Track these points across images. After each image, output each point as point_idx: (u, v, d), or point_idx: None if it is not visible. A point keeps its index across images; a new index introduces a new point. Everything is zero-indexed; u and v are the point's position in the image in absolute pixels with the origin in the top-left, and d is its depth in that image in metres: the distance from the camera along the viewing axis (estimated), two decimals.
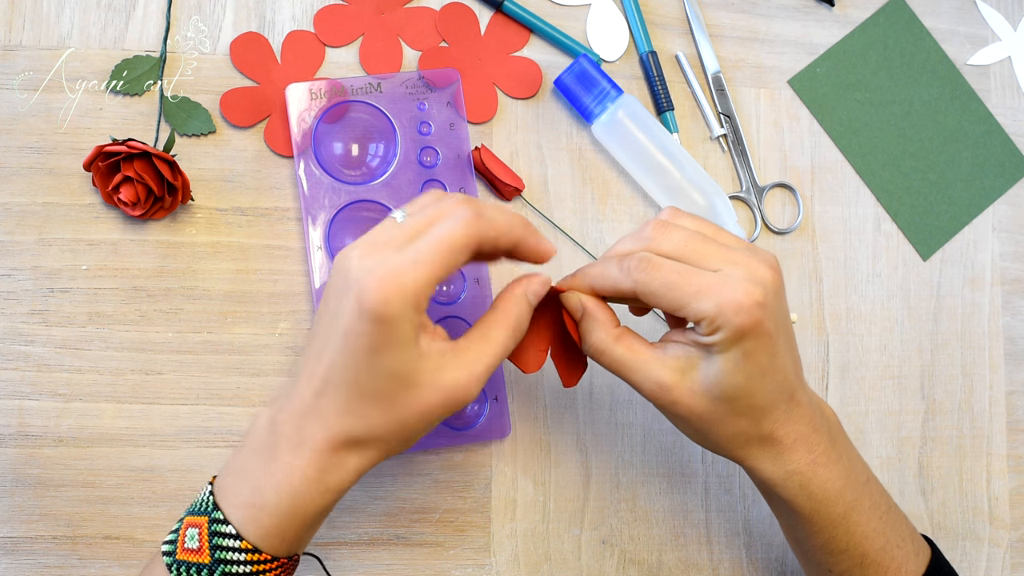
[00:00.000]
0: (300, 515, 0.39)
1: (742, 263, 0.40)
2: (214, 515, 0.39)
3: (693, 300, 0.39)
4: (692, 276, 0.39)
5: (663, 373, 0.42)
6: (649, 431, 0.56)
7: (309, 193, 0.53)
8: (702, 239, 0.41)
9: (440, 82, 0.55)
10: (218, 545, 0.39)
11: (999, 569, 0.59)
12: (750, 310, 0.38)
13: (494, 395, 0.54)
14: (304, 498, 0.39)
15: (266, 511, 0.39)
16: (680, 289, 0.39)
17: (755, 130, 0.60)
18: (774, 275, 0.40)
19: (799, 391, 0.42)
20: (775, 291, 0.40)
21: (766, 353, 0.40)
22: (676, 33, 0.59)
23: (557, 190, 0.57)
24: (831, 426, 0.44)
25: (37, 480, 0.51)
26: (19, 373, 0.52)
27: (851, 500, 0.43)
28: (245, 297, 0.54)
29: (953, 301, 0.60)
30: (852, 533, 0.44)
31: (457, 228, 0.38)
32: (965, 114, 0.62)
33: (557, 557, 0.55)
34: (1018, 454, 0.60)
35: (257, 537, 0.39)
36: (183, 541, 0.40)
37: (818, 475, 0.42)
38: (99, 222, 0.53)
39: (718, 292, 0.39)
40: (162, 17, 0.55)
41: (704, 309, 0.39)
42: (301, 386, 0.40)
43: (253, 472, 0.39)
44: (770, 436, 0.42)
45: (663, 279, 0.40)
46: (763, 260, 0.41)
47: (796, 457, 0.42)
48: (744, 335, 0.39)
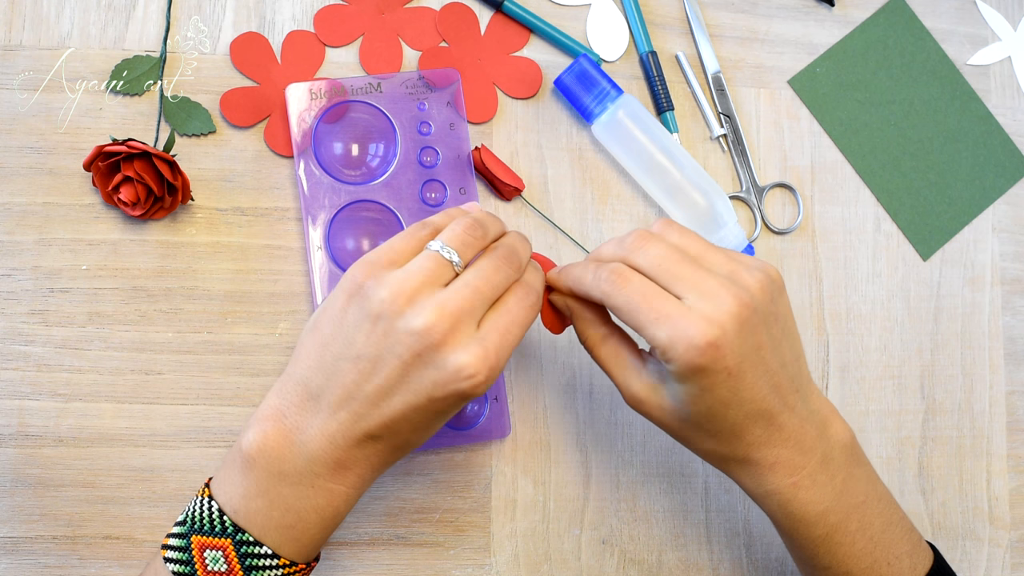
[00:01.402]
0: (335, 526, 0.42)
1: (711, 294, 0.38)
2: (241, 537, 0.39)
3: (649, 326, 0.38)
4: (655, 300, 0.39)
5: (637, 386, 0.42)
6: (649, 431, 0.56)
7: (309, 193, 0.53)
8: (678, 260, 0.40)
9: (440, 82, 0.55)
10: (253, 566, 0.39)
11: (999, 569, 0.59)
12: (702, 349, 0.37)
13: (494, 395, 0.54)
14: (343, 513, 0.41)
15: (307, 532, 0.40)
16: (640, 311, 0.39)
17: (755, 130, 0.60)
18: (740, 309, 0.38)
19: (783, 415, 0.41)
20: (738, 327, 0.38)
21: (726, 388, 0.39)
22: (676, 33, 0.59)
23: (557, 190, 0.57)
24: (829, 446, 0.42)
25: (37, 480, 0.51)
26: (19, 373, 0.52)
27: (834, 523, 0.42)
28: (245, 297, 0.54)
29: (953, 301, 0.60)
30: (834, 553, 0.43)
31: (529, 312, 0.41)
32: (965, 114, 0.62)
33: (557, 557, 0.55)
34: (1018, 454, 0.60)
35: (293, 553, 0.40)
36: (202, 563, 0.39)
37: (798, 497, 0.42)
38: (99, 222, 0.53)
39: (674, 324, 0.38)
40: (162, 17, 0.55)
41: (658, 338, 0.38)
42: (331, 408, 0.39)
43: (283, 496, 0.39)
44: (745, 458, 0.42)
45: (627, 297, 0.39)
46: (735, 293, 0.38)
47: (775, 479, 0.42)
48: (695, 372, 0.38)
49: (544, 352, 0.56)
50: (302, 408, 0.40)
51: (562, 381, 0.56)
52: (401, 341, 0.37)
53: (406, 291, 0.38)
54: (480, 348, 0.38)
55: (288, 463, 0.39)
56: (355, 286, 0.39)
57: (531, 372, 0.55)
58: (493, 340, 0.38)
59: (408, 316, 0.37)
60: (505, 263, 0.41)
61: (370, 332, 0.38)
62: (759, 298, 0.39)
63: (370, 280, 0.39)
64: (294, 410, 0.40)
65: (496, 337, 0.38)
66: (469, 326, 0.38)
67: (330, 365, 0.39)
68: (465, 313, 0.38)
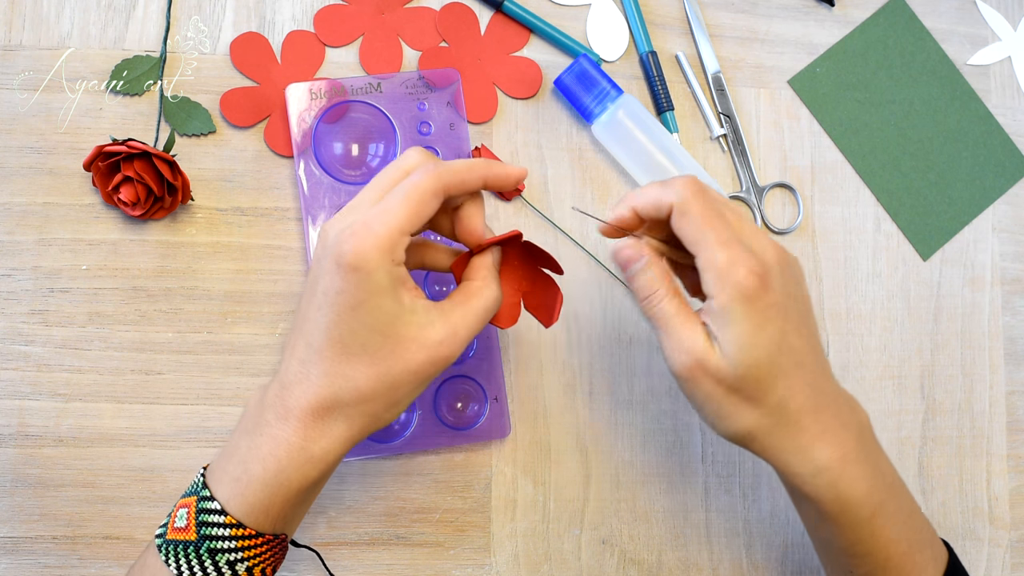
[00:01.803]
0: (285, 487, 0.39)
1: (754, 237, 0.41)
2: (202, 493, 0.40)
3: (715, 246, 0.39)
4: (725, 223, 0.40)
5: (699, 341, 0.40)
6: (649, 431, 0.56)
7: (309, 193, 0.53)
8: (724, 202, 0.42)
9: (440, 82, 0.55)
10: (204, 522, 0.39)
11: (999, 569, 0.59)
12: (760, 276, 0.39)
13: (494, 395, 0.54)
14: (289, 469, 0.39)
15: (251, 485, 0.39)
16: (712, 228, 0.39)
17: (755, 130, 0.60)
18: (782, 257, 0.41)
19: (822, 379, 0.42)
20: (780, 270, 0.40)
21: (776, 327, 0.39)
22: (676, 33, 0.59)
23: (557, 190, 0.57)
24: (860, 424, 0.43)
25: (37, 480, 0.51)
26: (19, 373, 0.52)
27: (878, 502, 0.42)
28: (245, 297, 0.54)
29: (953, 301, 0.60)
30: (877, 536, 0.43)
31: (422, 178, 0.40)
32: (965, 114, 0.62)
33: (557, 557, 0.55)
34: (1018, 454, 0.60)
35: (242, 512, 0.39)
36: (173, 521, 0.40)
37: (847, 473, 0.41)
38: (99, 222, 0.53)
39: (735, 250, 0.39)
40: (162, 17, 0.55)
41: (718, 259, 0.39)
42: (286, 357, 0.40)
43: (240, 448, 0.40)
44: (796, 423, 0.41)
45: (704, 207, 0.40)
46: (776, 245, 0.41)
47: (825, 450, 0.41)
48: (751, 298, 0.39)
49: (544, 352, 0.56)
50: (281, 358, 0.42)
51: (562, 381, 0.56)
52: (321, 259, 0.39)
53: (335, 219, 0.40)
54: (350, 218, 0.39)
55: (251, 413, 0.41)
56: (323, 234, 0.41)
57: (531, 372, 0.55)
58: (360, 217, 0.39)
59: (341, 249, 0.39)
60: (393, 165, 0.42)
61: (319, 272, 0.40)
62: (791, 259, 0.42)
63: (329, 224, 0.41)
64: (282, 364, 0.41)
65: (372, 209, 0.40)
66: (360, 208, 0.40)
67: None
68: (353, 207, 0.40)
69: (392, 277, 0.38)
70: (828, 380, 0.42)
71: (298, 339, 0.40)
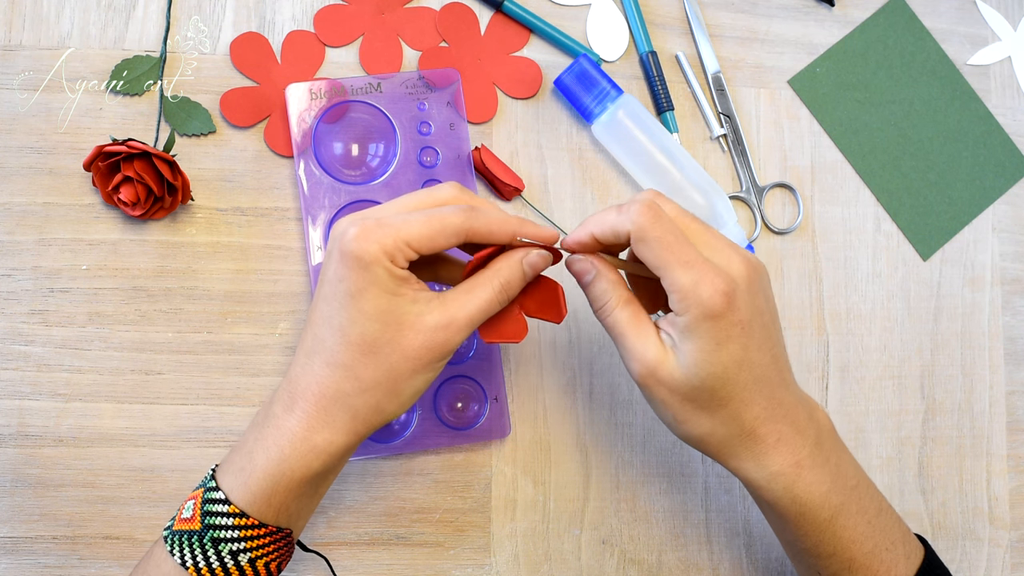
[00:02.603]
0: (287, 476, 0.39)
1: (722, 251, 0.41)
2: (208, 484, 0.41)
3: (678, 266, 0.39)
4: (685, 244, 0.40)
5: (653, 351, 0.41)
6: (649, 431, 0.56)
7: (309, 193, 0.53)
8: (690, 218, 0.42)
9: (440, 82, 0.55)
10: (208, 511, 0.39)
11: (999, 569, 0.59)
12: (724, 295, 0.39)
13: (494, 395, 0.54)
14: (292, 458, 0.39)
15: (254, 474, 0.40)
16: (671, 251, 0.39)
17: (755, 130, 0.60)
18: (749, 270, 0.40)
19: (781, 390, 0.42)
20: (747, 285, 0.40)
21: (738, 344, 0.40)
22: (676, 33, 0.59)
23: (557, 190, 0.57)
24: (819, 429, 0.44)
25: (37, 480, 0.51)
26: (19, 373, 0.52)
27: (837, 505, 0.43)
28: (245, 297, 0.54)
29: (953, 301, 0.60)
30: (839, 537, 0.43)
31: (453, 213, 0.40)
32: (965, 114, 0.62)
33: (557, 557, 0.55)
34: (1018, 454, 0.60)
35: (245, 502, 0.39)
36: (180, 513, 0.41)
37: (803, 478, 0.42)
38: (99, 222, 0.53)
39: (700, 270, 0.39)
40: (162, 17, 0.55)
41: (682, 280, 0.39)
42: (296, 350, 0.42)
43: (247, 441, 0.41)
44: (751, 433, 0.42)
45: (661, 233, 0.40)
46: (742, 256, 0.41)
47: (779, 458, 0.42)
48: (714, 318, 0.39)
49: (544, 352, 0.56)
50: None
51: (562, 381, 0.56)
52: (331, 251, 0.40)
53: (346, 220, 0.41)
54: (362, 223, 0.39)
55: (263, 407, 0.42)
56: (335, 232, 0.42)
57: (531, 372, 0.55)
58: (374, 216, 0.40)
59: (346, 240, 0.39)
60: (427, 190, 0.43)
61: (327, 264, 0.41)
62: (758, 268, 0.41)
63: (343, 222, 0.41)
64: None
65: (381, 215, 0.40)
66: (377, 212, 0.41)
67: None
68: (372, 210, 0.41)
69: (392, 273, 0.39)
70: (788, 390, 0.43)
71: (307, 331, 0.41)
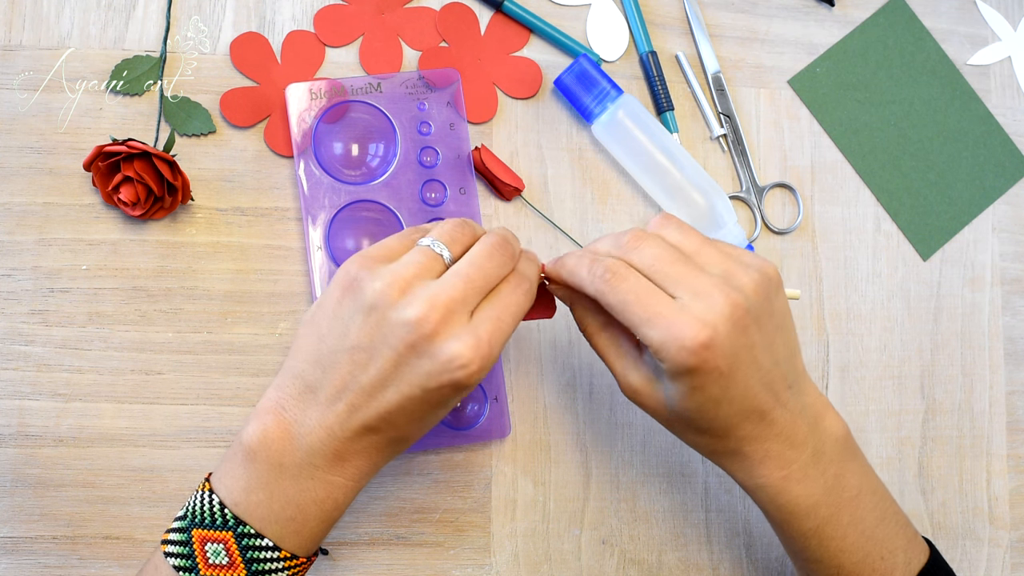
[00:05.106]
0: (336, 519, 0.42)
1: (704, 294, 0.38)
2: (243, 530, 0.40)
3: (642, 325, 0.38)
4: (649, 299, 0.39)
5: (633, 377, 0.43)
6: (649, 431, 0.56)
7: (309, 193, 0.53)
8: (673, 259, 0.40)
9: (440, 82, 0.55)
10: (254, 558, 0.40)
11: (999, 569, 0.59)
12: (693, 350, 0.37)
13: (494, 395, 0.54)
14: (344, 505, 0.42)
15: (307, 523, 0.40)
16: (634, 311, 0.39)
17: (755, 130, 0.60)
18: (732, 308, 0.38)
19: (774, 410, 0.41)
20: (732, 324, 0.38)
21: (717, 388, 0.39)
22: (676, 33, 0.59)
23: (557, 190, 0.57)
24: (822, 439, 0.43)
25: (37, 480, 0.51)
26: (19, 373, 0.52)
27: (825, 516, 0.43)
28: (245, 297, 0.54)
29: (953, 301, 0.60)
30: (825, 546, 0.43)
31: (523, 300, 0.41)
32: (965, 114, 0.62)
33: (557, 557, 0.55)
34: (1018, 454, 0.60)
35: (295, 546, 0.40)
36: (204, 557, 0.40)
37: (789, 490, 0.42)
38: (99, 222, 0.53)
39: (667, 324, 0.38)
40: (162, 17, 0.55)
41: (651, 337, 0.38)
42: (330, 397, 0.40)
43: (284, 489, 0.40)
44: (736, 452, 0.42)
45: (621, 297, 0.39)
46: (732, 288, 0.39)
47: (765, 473, 0.42)
48: (687, 371, 0.38)
49: (544, 352, 0.56)
50: (300, 401, 0.40)
51: (562, 381, 0.56)
52: (394, 332, 0.38)
53: (399, 282, 0.38)
54: (472, 337, 0.38)
55: (288, 456, 0.40)
56: (349, 279, 0.40)
57: (531, 372, 0.55)
58: (486, 329, 0.38)
59: (401, 306, 0.38)
60: (498, 251, 0.41)
61: (364, 323, 0.39)
62: (753, 298, 0.39)
63: (364, 272, 0.39)
64: (293, 403, 0.40)
65: (489, 326, 0.39)
66: (461, 315, 0.38)
67: (326, 357, 0.40)
68: (457, 303, 0.38)
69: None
70: (785, 407, 0.41)
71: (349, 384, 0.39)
